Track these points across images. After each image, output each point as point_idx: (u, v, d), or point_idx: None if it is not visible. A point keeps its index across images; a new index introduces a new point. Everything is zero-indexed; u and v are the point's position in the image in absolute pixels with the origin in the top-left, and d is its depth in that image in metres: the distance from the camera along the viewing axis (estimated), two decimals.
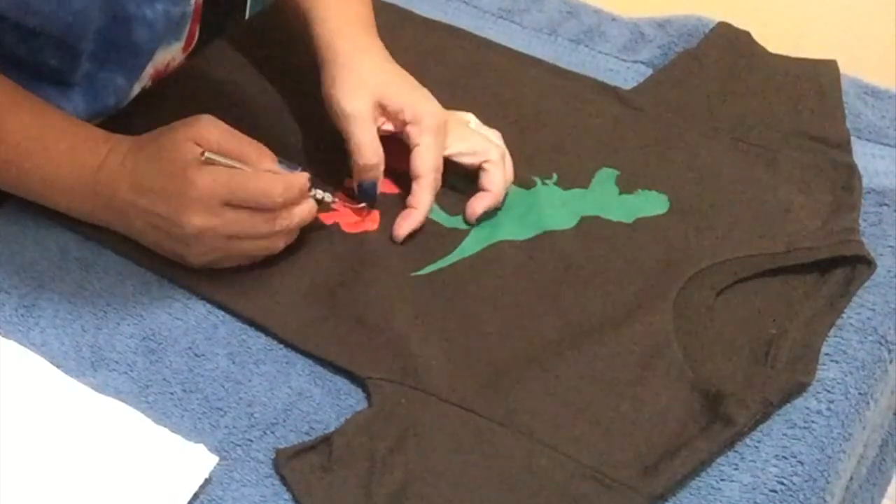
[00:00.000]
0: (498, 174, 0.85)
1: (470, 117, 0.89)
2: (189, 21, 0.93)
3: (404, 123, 0.84)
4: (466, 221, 0.85)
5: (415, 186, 0.83)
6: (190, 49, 0.97)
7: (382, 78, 0.85)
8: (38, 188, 0.80)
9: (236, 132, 0.77)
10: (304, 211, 0.78)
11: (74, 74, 0.86)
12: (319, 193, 0.80)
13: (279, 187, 0.75)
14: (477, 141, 0.86)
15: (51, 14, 0.79)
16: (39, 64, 0.84)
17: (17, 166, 0.78)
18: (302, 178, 0.78)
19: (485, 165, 0.85)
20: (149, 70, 0.91)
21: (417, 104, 0.84)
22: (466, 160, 0.85)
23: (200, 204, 0.74)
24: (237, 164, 0.76)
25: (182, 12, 0.90)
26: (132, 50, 0.87)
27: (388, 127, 0.85)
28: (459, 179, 0.86)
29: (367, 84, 0.84)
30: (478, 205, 0.84)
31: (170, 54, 0.93)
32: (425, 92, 0.86)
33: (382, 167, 0.83)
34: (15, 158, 0.78)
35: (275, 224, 0.76)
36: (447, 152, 0.85)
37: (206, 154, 0.74)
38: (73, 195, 0.79)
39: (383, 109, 0.84)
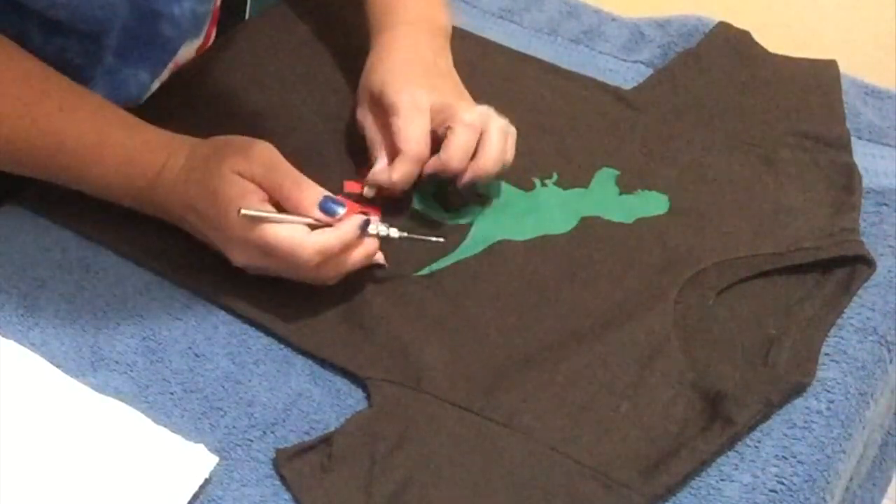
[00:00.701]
0: (458, 138, 0.80)
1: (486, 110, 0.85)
2: (210, 18, 0.93)
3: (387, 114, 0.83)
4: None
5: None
6: (205, 49, 0.97)
7: (381, 76, 0.85)
8: (95, 193, 0.80)
9: (284, 166, 0.74)
10: (359, 257, 0.74)
11: (97, 69, 0.85)
12: (384, 230, 0.75)
13: (308, 251, 0.72)
14: (455, 105, 0.82)
15: (78, 7, 0.79)
16: (63, 58, 0.83)
17: (74, 173, 0.78)
18: (349, 228, 0.73)
19: (450, 127, 0.81)
20: (170, 66, 0.91)
21: (393, 90, 0.83)
22: (438, 118, 0.82)
23: (238, 245, 0.74)
24: (276, 217, 0.72)
25: (206, 10, 0.90)
26: (158, 46, 0.87)
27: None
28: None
29: (364, 84, 0.85)
30: (427, 164, 0.81)
31: (188, 51, 0.93)
32: (421, 83, 0.84)
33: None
34: (73, 165, 0.78)
35: (319, 272, 0.74)
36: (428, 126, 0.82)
37: (243, 212, 0.72)
38: (127, 201, 0.79)
39: (376, 105, 0.85)
